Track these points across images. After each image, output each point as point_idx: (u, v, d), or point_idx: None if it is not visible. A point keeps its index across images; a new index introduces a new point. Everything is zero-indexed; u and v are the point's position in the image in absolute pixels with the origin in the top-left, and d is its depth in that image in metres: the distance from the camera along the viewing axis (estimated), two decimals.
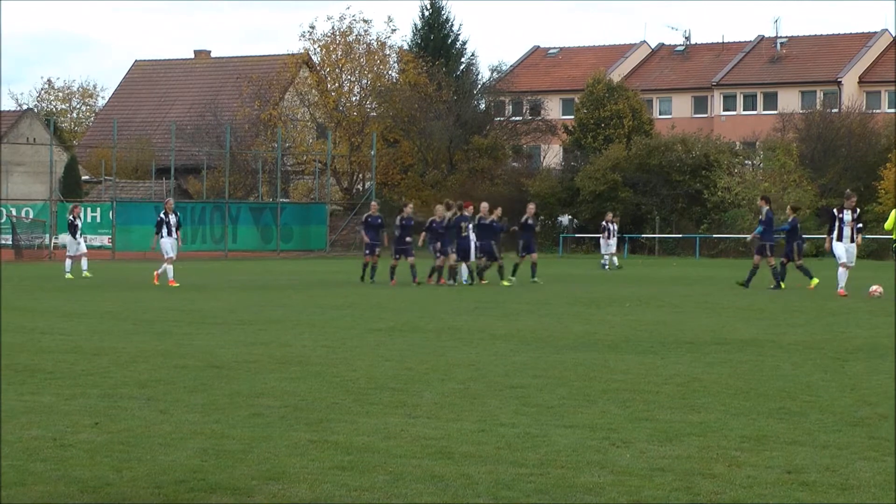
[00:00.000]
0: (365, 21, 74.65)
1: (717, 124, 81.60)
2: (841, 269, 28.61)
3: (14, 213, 61.19)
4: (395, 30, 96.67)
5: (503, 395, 12.08)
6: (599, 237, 48.89)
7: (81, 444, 9.52)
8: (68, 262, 38.37)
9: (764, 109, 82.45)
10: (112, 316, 22.07)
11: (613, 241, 47.20)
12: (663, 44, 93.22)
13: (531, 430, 10.16)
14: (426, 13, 79.00)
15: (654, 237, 65.36)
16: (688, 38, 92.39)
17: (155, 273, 33.75)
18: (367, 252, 34.93)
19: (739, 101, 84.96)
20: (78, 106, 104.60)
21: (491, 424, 10.41)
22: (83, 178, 74.17)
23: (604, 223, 47.36)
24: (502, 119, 77.59)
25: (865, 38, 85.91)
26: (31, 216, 61.80)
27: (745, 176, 64.98)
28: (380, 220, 35.28)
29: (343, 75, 75.56)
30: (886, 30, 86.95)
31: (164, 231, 34.04)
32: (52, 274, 39.82)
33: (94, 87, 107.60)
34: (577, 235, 67.54)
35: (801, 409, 11.33)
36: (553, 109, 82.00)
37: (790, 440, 9.77)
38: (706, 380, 13.31)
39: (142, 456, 9.12)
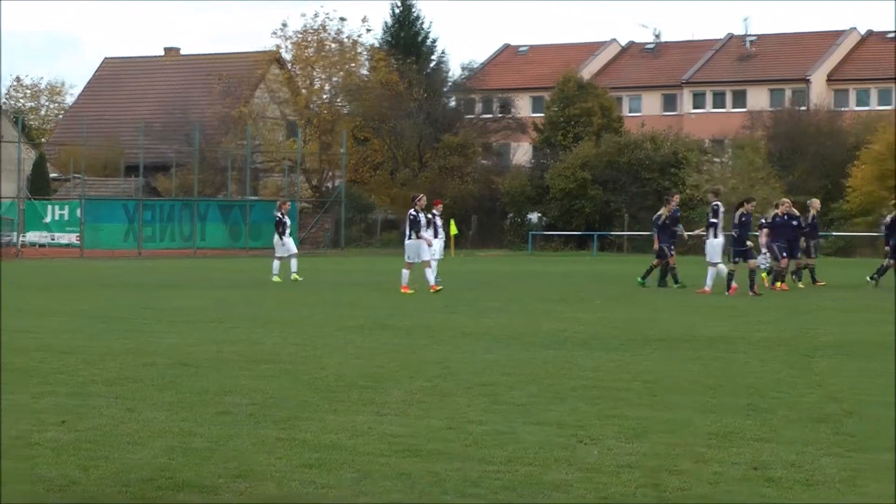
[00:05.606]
0: (341, 19, 74.65)
1: (687, 122, 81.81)
2: None
3: None
4: (369, 30, 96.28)
5: (472, 393, 12.09)
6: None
7: (48, 443, 9.48)
8: (276, 263, 33.80)
9: (733, 107, 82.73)
10: (83, 314, 21.97)
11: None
12: (633, 42, 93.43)
13: (499, 427, 10.17)
14: (397, 10, 78.99)
15: (623, 234, 65.50)
16: (658, 37, 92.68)
17: (403, 286, 28.22)
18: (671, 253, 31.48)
19: (709, 98, 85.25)
20: (46, 103, 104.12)
21: (459, 422, 10.42)
22: (51, 175, 73.86)
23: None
24: (472, 117, 77.64)
25: (834, 37, 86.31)
26: None
27: (714, 173, 65.18)
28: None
29: (314, 72, 75.47)
30: (855, 28, 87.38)
31: (424, 231, 29.03)
32: (21, 272, 39.61)
33: (63, 84, 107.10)
34: (546, 233, 67.71)
35: (769, 405, 11.38)
36: (523, 107, 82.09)
37: (756, 437, 9.82)
38: (675, 377, 13.35)
39: (109, 454, 9.08)
